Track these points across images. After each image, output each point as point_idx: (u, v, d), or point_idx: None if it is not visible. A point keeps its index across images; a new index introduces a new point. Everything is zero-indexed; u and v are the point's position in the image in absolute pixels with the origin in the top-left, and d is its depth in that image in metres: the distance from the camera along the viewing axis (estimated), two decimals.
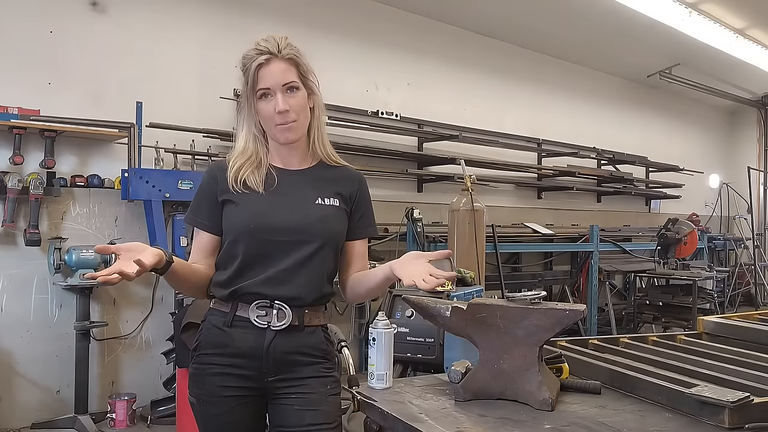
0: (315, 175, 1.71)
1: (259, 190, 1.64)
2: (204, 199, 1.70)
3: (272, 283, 1.61)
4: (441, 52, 6.24)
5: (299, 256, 1.62)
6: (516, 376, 1.65)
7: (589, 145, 7.58)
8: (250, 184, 1.64)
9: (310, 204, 1.67)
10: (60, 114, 3.95)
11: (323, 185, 1.70)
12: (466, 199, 4.72)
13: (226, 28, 4.71)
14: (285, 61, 1.61)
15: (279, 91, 1.60)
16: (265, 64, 1.59)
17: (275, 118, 1.61)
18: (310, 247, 1.63)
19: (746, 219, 9.26)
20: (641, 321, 6.61)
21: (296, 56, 1.63)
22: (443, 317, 1.80)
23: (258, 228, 1.61)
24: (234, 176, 1.64)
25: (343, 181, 1.74)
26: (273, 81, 1.60)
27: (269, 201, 1.64)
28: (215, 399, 1.63)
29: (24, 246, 3.87)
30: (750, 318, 2.61)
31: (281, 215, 1.63)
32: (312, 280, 1.65)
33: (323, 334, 1.70)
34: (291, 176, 1.69)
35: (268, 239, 1.61)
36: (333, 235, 1.68)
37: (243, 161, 1.66)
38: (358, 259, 1.77)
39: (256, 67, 1.59)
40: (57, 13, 4.08)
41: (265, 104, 1.62)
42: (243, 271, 1.63)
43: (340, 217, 1.70)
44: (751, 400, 1.47)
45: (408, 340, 3.36)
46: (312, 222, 1.64)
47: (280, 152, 1.70)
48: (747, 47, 7.05)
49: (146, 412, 4.09)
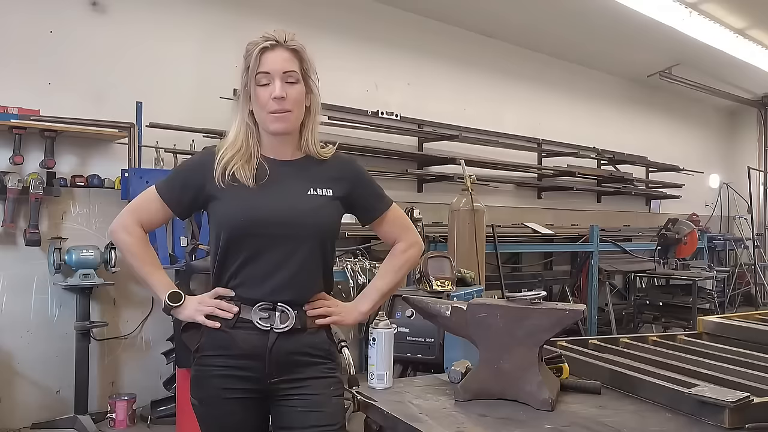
0: (307, 165, 1.69)
1: (249, 184, 1.61)
2: (183, 180, 1.69)
3: (273, 282, 1.60)
4: (441, 52, 6.24)
5: (294, 248, 1.61)
6: (516, 376, 1.65)
7: (589, 145, 7.57)
8: (239, 178, 1.61)
9: (302, 195, 1.64)
10: (60, 114, 3.95)
11: (316, 175, 1.68)
12: (466, 199, 4.71)
13: (227, 28, 4.71)
14: (289, 50, 1.61)
15: (278, 78, 1.59)
16: (269, 49, 1.59)
17: (270, 105, 1.59)
18: (305, 239, 1.62)
19: (746, 219, 9.25)
20: (641, 321, 6.61)
21: (301, 51, 1.63)
22: (443, 317, 1.80)
23: (249, 221, 1.59)
24: (222, 170, 1.62)
25: (336, 168, 1.72)
26: (274, 66, 1.59)
27: (260, 194, 1.62)
28: (217, 401, 1.62)
29: (24, 246, 3.87)
30: (750, 318, 2.62)
31: (273, 207, 1.61)
32: (311, 274, 1.64)
33: (326, 334, 1.69)
34: (283, 167, 1.67)
35: (260, 232, 1.59)
36: (326, 225, 1.67)
37: (232, 154, 1.63)
38: (395, 231, 1.82)
39: (259, 50, 1.59)
40: (57, 13, 4.08)
41: (263, 90, 1.60)
42: (240, 268, 1.62)
43: (335, 207, 1.68)
44: (751, 400, 1.47)
45: (408, 340, 3.35)
46: (305, 212, 1.62)
47: (272, 143, 1.68)
48: (747, 47, 7.04)
49: (146, 412, 4.09)
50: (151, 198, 1.69)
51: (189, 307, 1.64)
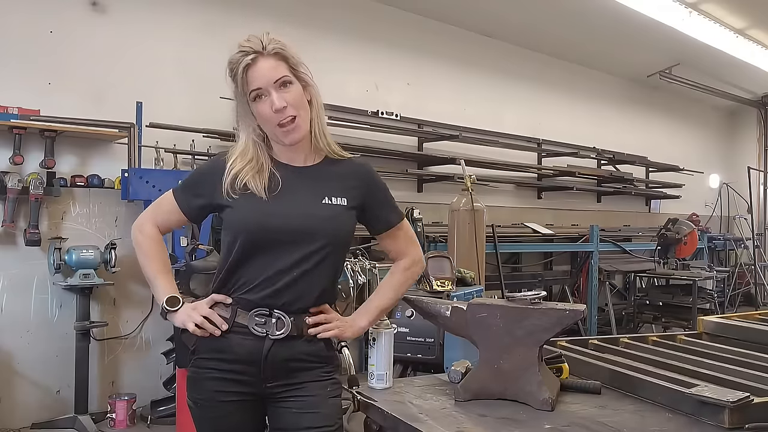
0: (321, 172, 1.65)
1: (261, 195, 1.58)
2: (195, 185, 1.69)
3: (273, 289, 1.58)
4: (441, 52, 6.24)
5: (304, 257, 1.58)
6: (516, 376, 1.65)
7: (589, 145, 7.57)
8: (251, 188, 1.58)
9: (317, 203, 1.61)
10: (60, 114, 3.95)
11: (330, 184, 1.64)
12: (466, 199, 4.72)
13: (226, 28, 4.70)
14: (272, 57, 1.56)
15: (272, 89, 1.54)
16: (252, 64, 1.54)
17: (274, 118, 1.55)
18: (316, 248, 1.59)
19: (746, 219, 9.25)
20: (641, 321, 6.61)
21: (282, 50, 1.57)
22: (443, 317, 1.80)
23: (262, 229, 1.57)
24: (232, 179, 1.59)
25: (351, 176, 1.68)
26: (264, 80, 1.54)
27: (273, 203, 1.59)
28: (212, 403, 1.61)
29: (24, 246, 3.87)
30: (750, 318, 2.62)
31: (286, 215, 1.58)
32: (316, 283, 1.62)
33: (323, 342, 1.65)
34: (296, 174, 1.64)
35: (273, 239, 1.57)
36: (340, 235, 1.64)
37: (242, 165, 1.60)
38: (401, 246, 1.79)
39: (243, 68, 1.54)
40: (57, 13, 4.08)
41: (262, 105, 1.56)
42: (246, 274, 1.60)
43: (348, 216, 1.65)
44: (751, 400, 1.47)
45: (408, 340, 3.35)
46: (318, 221, 1.59)
47: (284, 149, 1.64)
48: (747, 47, 7.04)
49: (146, 412, 4.08)
50: (168, 200, 1.71)
51: (182, 313, 1.63)
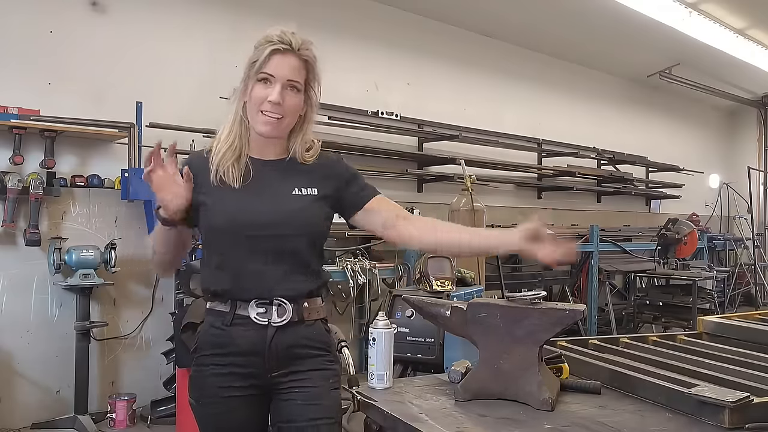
0: (291, 165, 1.68)
1: (235, 185, 1.61)
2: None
3: (265, 281, 1.60)
4: (440, 52, 6.24)
5: (283, 249, 1.61)
6: (516, 376, 1.65)
7: (589, 145, 7.57)
8: (226, 179, 1.61)
9: (287, 195, 1.64)
10: (60, 114, 3.95)
11: (300, 176, 1.67)
12: (466, 199, 4.72)
13: (226, 28, 4.71)
14: (300, 59, 1.60)
15: (280, 83, 1.57)
16: (280, 52, 1.57)
17: (264, 105, 1.58)
18: (293, 239, 1.61)
19: (746, 219, 9.25)
20: (641, 321, 6.61)
21: (312, 61, 1.62)
22: (443, 317, 1.80)
23: (237, 225, 1.59)
24: (217, 166, 1.61)
25: (321, 168, 1.70)
26: (280, 72, 1.57)
27: (245, 197, 1.61)
28: (215, 400, 1.62)
29: (24, 246, 3.87)
30: (750, 318, 2.62)
31: (259, 210, 1.61)
32: (301, 272, 1.63)
33: (323, 327, 1.70)
34: (267, 167, 1.66)
35: (248, 235, 1.59)
36: (312, 225, 1.66)
37: (226, 149, 1.63)
38: (388, 210, 1.73)
39: (270, 50, 1.57)
40: (57, 13, 4.08)
41: (261, 88, 1.59)
42: (231, 270, 1.61)
43: (319, 207, 1.67)
44: (751, 400, 1.47)
45: (408, 340, 3.36)
46: (290, 213, 1.62)
47: (258, 142, 1.67)
48: (747, 47, 7.04)
49: (146, 412, 4.09)
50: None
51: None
